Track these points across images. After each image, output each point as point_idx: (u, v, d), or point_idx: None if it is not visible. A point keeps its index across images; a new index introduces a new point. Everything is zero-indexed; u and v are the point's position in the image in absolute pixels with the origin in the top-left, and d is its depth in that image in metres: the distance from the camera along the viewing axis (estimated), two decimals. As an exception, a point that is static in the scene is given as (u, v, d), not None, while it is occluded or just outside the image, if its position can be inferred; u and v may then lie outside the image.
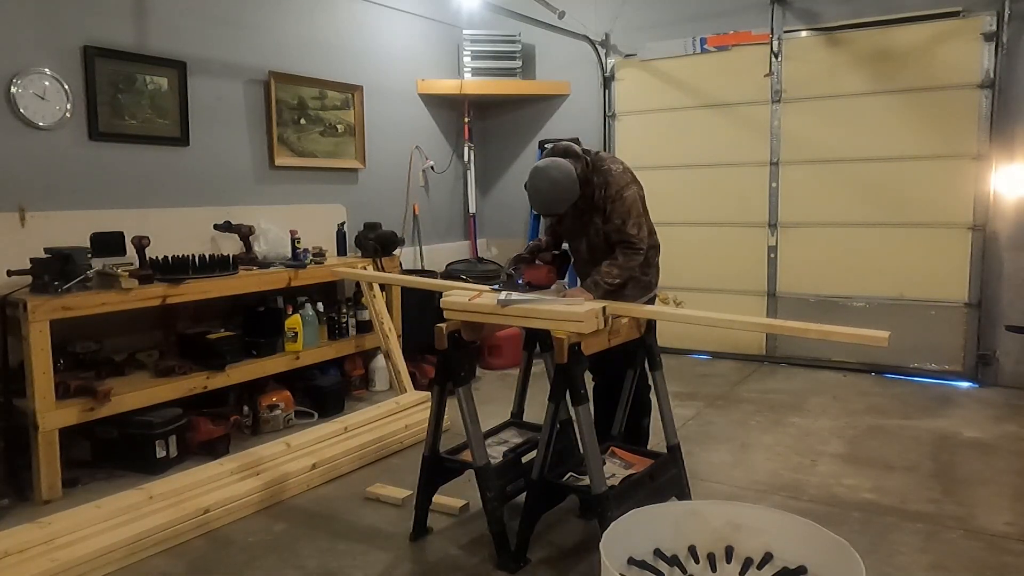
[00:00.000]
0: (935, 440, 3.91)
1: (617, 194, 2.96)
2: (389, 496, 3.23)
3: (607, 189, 2.97)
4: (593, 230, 3.05)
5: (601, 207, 2.99)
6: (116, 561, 2.68)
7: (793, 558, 2.09)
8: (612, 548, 1.96)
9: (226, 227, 4.29)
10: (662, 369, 2.94)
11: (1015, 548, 2.76)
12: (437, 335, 2.72)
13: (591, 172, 2.99)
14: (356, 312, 4.78)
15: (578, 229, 3.11)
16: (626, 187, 2.98)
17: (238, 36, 4.61)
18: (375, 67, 5.58)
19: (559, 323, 2.53)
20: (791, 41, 5.33)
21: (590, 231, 3.07)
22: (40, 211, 3.65)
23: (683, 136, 5.85)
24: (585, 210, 3.03)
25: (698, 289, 5.88)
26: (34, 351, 3.18)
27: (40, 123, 3.69)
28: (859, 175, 5.25)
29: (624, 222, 2.96)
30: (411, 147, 5.97)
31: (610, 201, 2.96)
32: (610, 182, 2.98)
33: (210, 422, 3.80)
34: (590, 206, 3.01)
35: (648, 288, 3.17)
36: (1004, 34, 4.68)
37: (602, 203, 2.98)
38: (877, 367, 5.27)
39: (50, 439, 3.25)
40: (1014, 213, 4.80)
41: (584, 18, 5.94)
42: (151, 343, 4.09)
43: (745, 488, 3.34)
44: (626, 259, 2.97)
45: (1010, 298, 4.86)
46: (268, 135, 4.81)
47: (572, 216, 3.07)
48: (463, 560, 2.74)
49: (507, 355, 5.48)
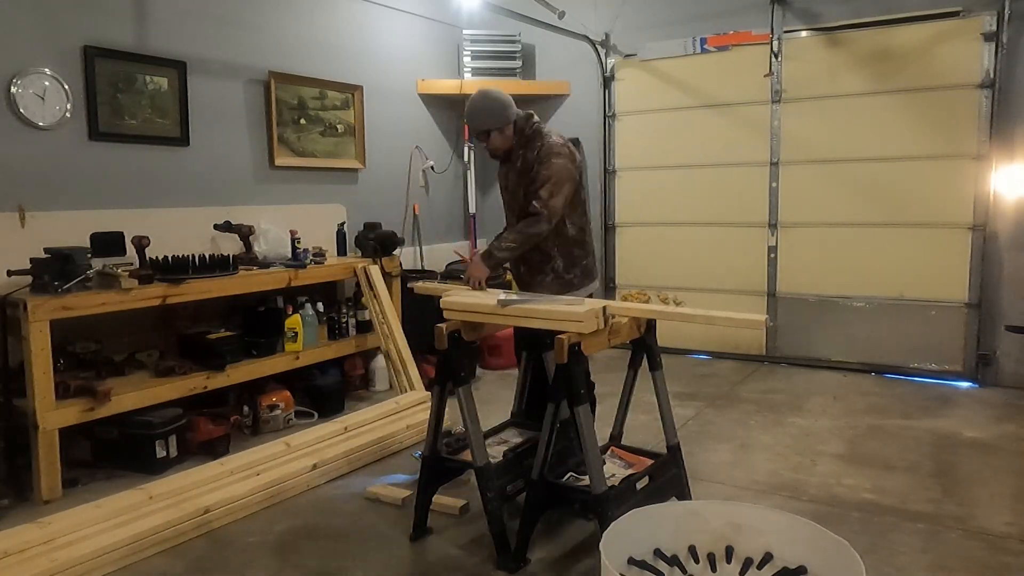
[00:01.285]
0: (935, 440, 3.91)
1: (546, 157, 2.97)
2: (389, 496, 3.23)
3: (540, 151, 2.99)
4: (524, 194, 3.06)
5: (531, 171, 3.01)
6: (116, 561, 2.68)
7: (793, 558, 2.09)
8: (612, 548, 1.96)
9: (226, 227, 4.29)
10: (662, 369, 2.94)
11: (1015, 548, 2.76)
12: (437, 335, 2.72)
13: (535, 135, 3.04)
14: (356, 312, 4.78)
15: (517, 195, 3.11)
16: (557, 156, 2.97)
17: (238, 36, 4.61)
18: (375, 67, 5.58)
19: (559, 323, 2.53)
20: (791, 41, 5.33)
21: (521, 196, 3.08)
22: (40, 211, 3.65)
23: (683, 136, 5.85)
24: (523, 171, 3.05)
25: (698, 289, 5.88)
26: (34, 351, 3.18)
27: (40, 123, 3.69)
28: (859, 175, 5.25)
29: (541, 185, 2.94)
30: (411, 147, 5.97)
31: (538, 163, 2.98)
32: (544, 145, 3.00)
33: (210, 422, 3.80)
34: (527, 170, 3.03)
35: (569, 286, 3.12)
36: (1004, 34, 4.68)
37: (534, 167, 2.99)
38: (877, 367, 5.27)
39: (50, 439, 3.24)
40: (1014, 213, 4.80)
41: (584, 18, 5.95)
42: (151, 343, 4.08)
43: (745, 488, 3.34)
44: (525, 225, 2.96)
45: (1010, 298, 4.86)
46: (268, 135, 4.81)
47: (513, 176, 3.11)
48: (463, 560, 2.74)
49: (507, 355, 5.48)
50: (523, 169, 3.05)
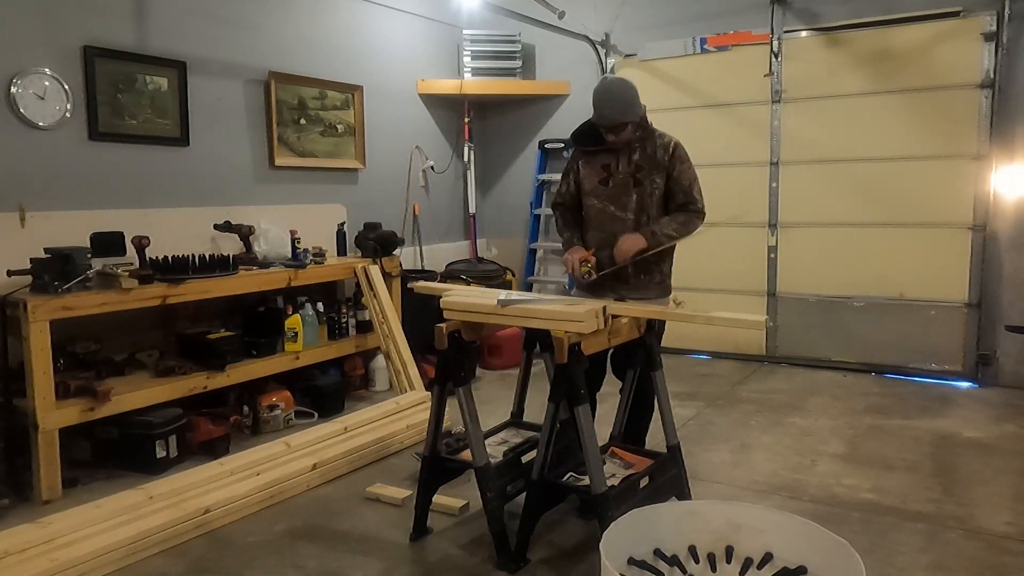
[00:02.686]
0: (935, 440, 3.91)
1: (685, 155, 3.00)
2: (389, 496, 3.23)
3: (676, 149, 3.00)
4: (650, 188, 2.98)
5: (665, 166, 2.98)
6: (116, 561, 2.68)
7: (793, 558, 2.09)
8: (612, 548, 1.96)
9: (226, 227, 4.29)
10: (662, 369, 2.94)
11: (1015, 548, 2.76)
12: (437, 335, 2.72)
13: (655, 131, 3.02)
14: (356, 312, 4.78)
15: (628, 187, 2.98)
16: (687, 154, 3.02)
17: (238, 36, 4.61)
18: (375, 67, 5.58)
19: (559, 323, 2.53)
20: (791, 41, 5.33)
21: (646, 189, 2.98)
22: (40, 211, 3.65)
23: (683, 136, 5.73)
24: (641, 167, 2.99)
25: (698, 289, 5.86)
26: (34, 351, 3.18)
27: (40, 123, 3.69)
28: (859, 175, 5.25)
29: (691, 184, 2.99)
30: (411, 147, 5.97)
31: (680, 161, 2.99)
32: (677, 144, 3.01)
33: (210, 422, 3.80)
34: (650, 163, 2.99)
35: (667, 291, 3.13)
36: (1004, 34, 4.68)
37: (667, 162, 2.98)
38: (877, 367, 5.27)
39: (50, 439, 3.25)
40: (1014, 213, 4.80)
41: (584, 18, 5.95)
42: (151, 343, 4.09)
43: (745, 488, 3.34)
44: (688, 219, 2.98)
45: (1010, 298, 4.87)
46: (268, 135, 4.81)
47: (625, 172, 3.00)
48: (463, 560, 2.74)
49: (507, 355, 5.48)
50: (646, 162, 2.98)
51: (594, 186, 3.07)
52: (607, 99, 2.91)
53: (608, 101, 2.91)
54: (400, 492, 3.24)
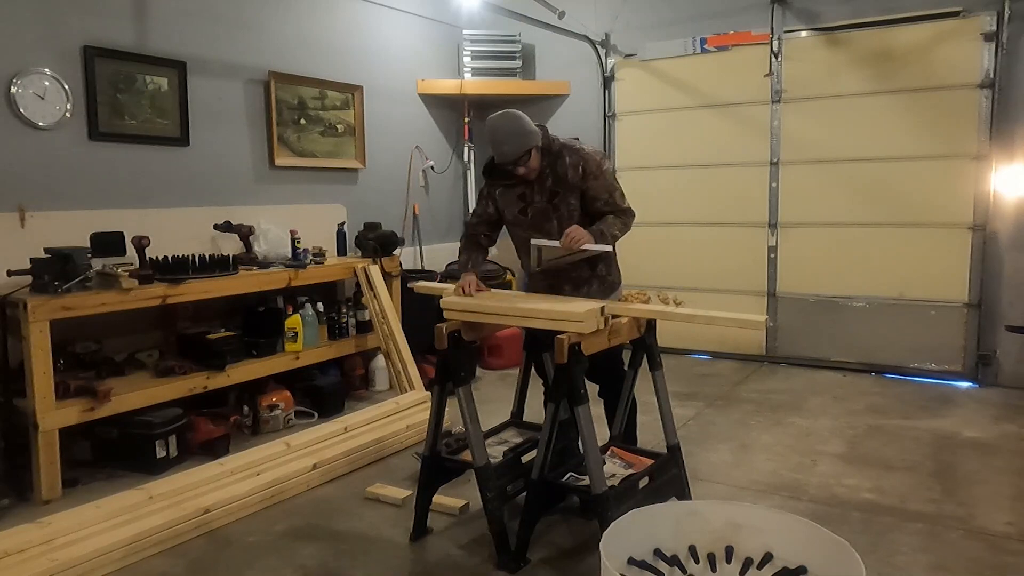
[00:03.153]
0: (935, 440, 3.91)
1: (597, 169, 2.94)
2: (389, 496, 3.23)
3: (585, 166, 2.93)
4: (567, 211, 2.97)
5: (578, 186, 2.94)
6: (116, 561, 2.68)
7: (793, 558, 2.09)
8: (612, 548, 1.96)
9: (226, 227, 4.29)
10: (662, 369, 2.94)
11: (1015, 548, 2.76)
12: (437, 335, 2.72)
13: (561, 150, 2.94)
14: (356, 312, 4.78)
15: (548, 213, 3.00)
16: (602, 162, 2.97)
17: (238, 36, 4.61)
18: (375, 67, 5.58)
19: (559, 323, 2.53)
20: (791, 41, 5.33)
21: (563, 213, 2.97)
22: (40, 211, 3.65)
23: (683, 136, 5.85)
24: (555, 191, 2.96)
25: (698, 289, 5.87)
26: (34, 351, 3.18)
27: (40, 123, 3.69)
28: (859, 175, 5.25)
29: (611, 195, 2.97)
30: (411, 147, 5.97)
31: (592, 177, 2.93)
32: (586, 159, 2.94)
33: (210, 422, 3.81)
34: (563, 186, 2.95)
35: (612, 288, 3.12)
36: (1004, 34, 4.68)
37: (580, 181, 2.93)
38: (877, 367, 5.27)
39: (50, 439, 3.25)
40: (1014, 213, 4.80)
41: (584, 18, 5.94)
42: (151, 343, 4.09)
43: (745, 488, 3.34)
44: (624, 220, 2.99)
45: (1010, 298, 4.86)
46: (268, 135, 4.81)
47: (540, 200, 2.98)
48: (463, 560, 2.74)
49: (507, 355, 5.48)
50: (559, 186, 2.95)
51: (515, 216, 3.10)
52: (499, 137, 2.83)
53: (502, 140, 2.83)
54: (400, 492, 3.24)
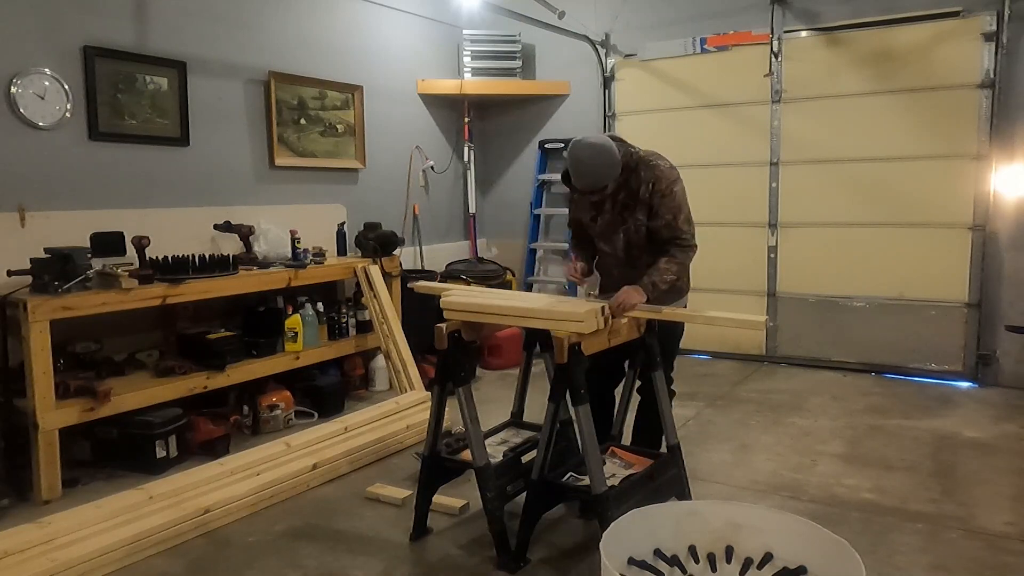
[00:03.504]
0: (935, 440, 3.91)
1: (667, 189, 2.86)
2: (389, 496, 3.23)
3: (656, 184, 2.86)
4: (634, 226, 2.93)
5: (647, 202, 2.88)
6: (116, 561, 2.68)
7: (793, 558, 2.09)
8: (612, 548, 1.96)
9: (226, 227, 4.29)
10: (662, 369, 2.94)
11: (1015, 548, 2.76)
12: (437, 335, 2.72)
13: (638, 164, 2.88)
14: (356, 312, 4.78)
15: (616, 225, 2.97)
16: (675, 182, 2.89)
17: (238, 36, 4.61)
18: (375, 67, 5.58)
19: (559, 323, 2.53)
20: (791, 41, 5.33)
21: (630, 227, 2.94)
22: (40, 211, 3.65)
23: (683, 136, 5.84)
24: (627, 204, 2.92)
25: (698, 289, 5.79)
26: (34, 351, 3.18)
27: (40, 123, 3.69)
28: (859, 175, 5.25)
29: (675, 217, 2.87)
30: (411, 147, 5.97)
31: (660, 196, 2.86)
32: (659, 176, 2.87)
33: (210, 422, 3.81)
34: (634, 200, 2.90)
35: (681, 292, 3.09)
36: (1004, 34, 4.68)
37: (648, 198, 2.87)
38: (877, 367, 5.27)
39: (50, 439, 3.25)
40: (1014, 213, 4.80)
41: (584, 18, 5.94)
42: (151, 343, 4.09)
43: (745, 488, 3.34)
44: (683, 255, 2.91)
45: (1010, 298, 4.86)
46: (268, 135, 4.81)
47: (612, 210, 2.96)
48: (463, 560, 2.74)
49: (507, 355, 5.48)
50: (630, 199, 2.91)
51: (588, 222, 3.08)
52: (582, 170, 2.76)
53: (582, 174, 2.76)
54: (400, 492, 3.24)
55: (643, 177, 2.87)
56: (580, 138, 2.80)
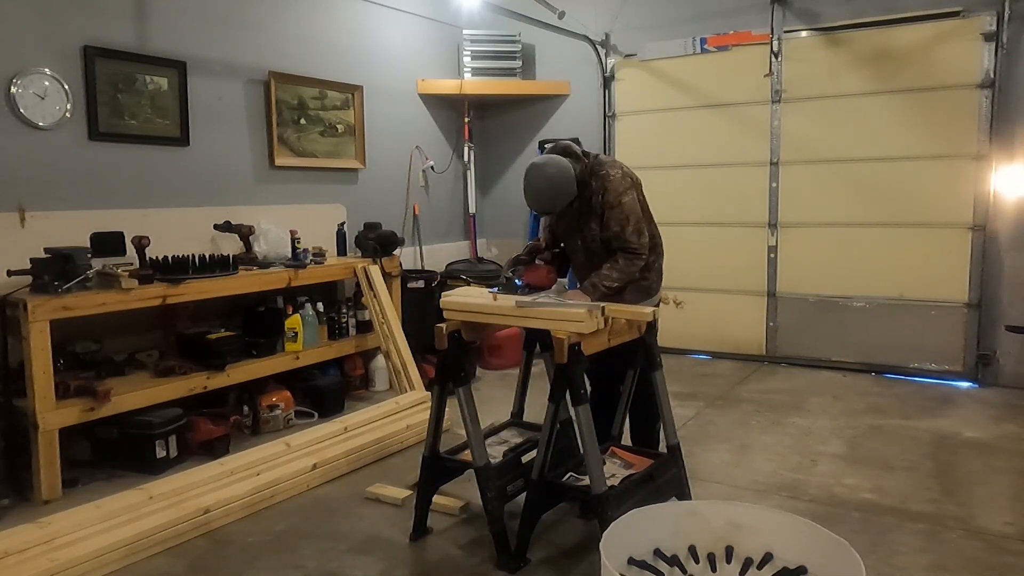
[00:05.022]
0: (935, 440, 3.91)
1: (615, 200, 2.91)
2: (389, 496, 3.23)
3: (605, 195, 2.92)
4: (589, 234, 3.02)
5: (598, 212, 2.95)
6: (116, 561, 2.68)
7: (793, 558, 2.09)
8: (612, 548, 1.96)
9: (226, 227, 4.29)
10: (662, 369, 2.94)
11: (1015, 548, 2.76)
12: (437, 335, 2.72)
13: (591, 175, 2.95)
14: (356, 312, 4.78)
15: (574, 230, 3.08)
16: (624, 193, 2.93)
17: (238, 36, 4.61)
18: (375, 67, 5.58)
19: (559, 323, 2.53)
20: (791, 41, 5.33)
21: (586, 234, 3.03)
22: (40, 211, 3.65)
23: (683, 136, 5.85)
24: (582, 213, 3.00)
25: (698, 289, 5.88)
26: (34, 351, 3.18)
27: (40, 123, 3.68)
28: (859, 175, 5.25)
29: (623, 228, 2.92)
30: (411, 147, 5.97)
31: (608, 207, 2.92)
32: (608, 188, 2.92)
33: (210, 422, 3.81)
34: (587, 209, 2.98)
35: (648, 292, 3.12)
36: (1004, 34, 4.68)
37: (599, 208, 2.94)
38: (877, 367, 5.27)
39: (50, 439, 3.25)
40: (1014, 213, 4.80)
41: (584, 18, 5.94)
42: (151, 343, 4.09)
43: (745, 488, 3.34)
44: (626, 263, 2.94)
45: (1010, 298, 4.86)
46: (268, 135, 4.81)
47: (569, 217, 3.05)
48: (463, 560, 2.74)
49: (507, 355, 5.48)
50: (584, 208, 2.99)
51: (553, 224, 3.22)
52: (538, 198, 2.89)
53: (538, 200, 2.90)
54: (400, 492, 3.24)
55: (594, 187, 2.95)
56: (536, 161, 2.89)
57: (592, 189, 2.95)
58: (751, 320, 5.71)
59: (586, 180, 2.94)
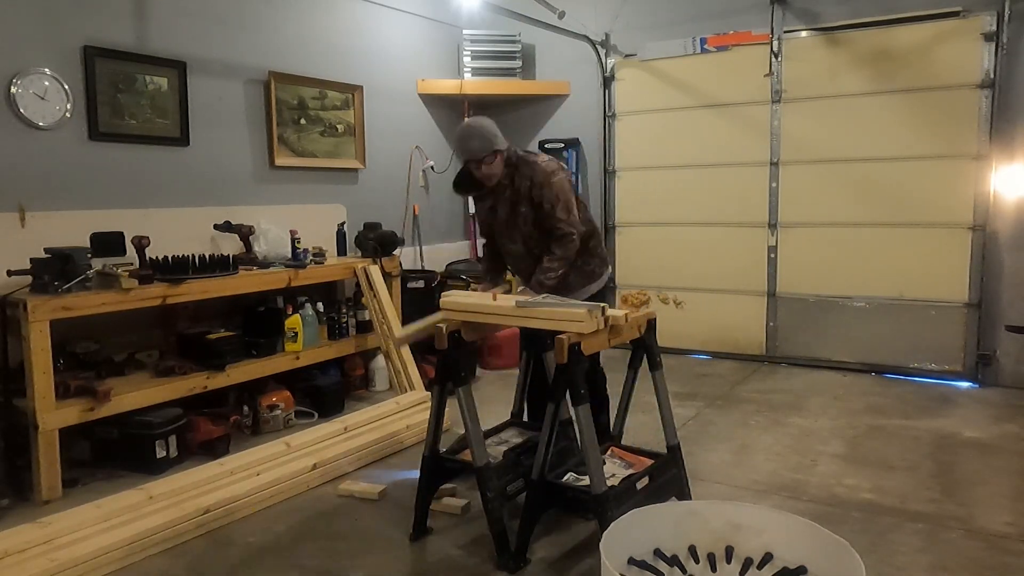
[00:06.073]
0: (935, 440, 3.91)
1: (545, 180, 3.08)
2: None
3: (534, 177, 3.10)
4: (523, 221, 3.15)
5: (529, 196, 3.10)
6: (116, 561, 2.68)
7: (793, 558, 2.09)
8: (612, 548, 1.96)
9: (226, 227, 4.29)
10: (662, 369, 2.94)
11: (1015, 548, 2.76)
12: (437, 335, 2.72)
13: (519, 162, 3.13)
14: (356, 312, 4.78)
15: (512, 222, 3.20)
16: (553, 173, 3.11)
17: (238, 36, 4.61)
18: (375, 67, 5.58)
19: (559, 323, 2.53)
20: (791, 41, 5.33)
21: (520, 223, 3.16)
22: (40, 211, 3.65)
23: (683, 136, 5.85)
24: (515, 201, 3.14)
25: (698, 289, 5.88)
26: (34, 351, 3.18)
27: (40, 123, 3.69)
28: (859, 175, 5.25)
29: (553, 207, 3.08)
30: (411, 147, 5.97)
31: (539, 187, 3.09)
32: (536, 171, 3.11)
33: (210, 422, 3.81)
34: (519, 196, 3.13)
35: (591, 277, 3.28)
36: (1004, 34, 4.68)
37: (529, 191, 3.10)
38: (877, 367, 5.27)
39: (50, 439, 3.25)
40: (1014, 213, 4.80)
41: (584, 18, 5.94)
42: (151, 343, 4.09)
43: (745, 488, 3.34)
44: (561, 248, 3.10)
45: (1010, 298, 4.86)
46: (268, 135, 4.81)
47: (505, 210, 3.18)
48: (463, 560, 2.74)
49: (507, 355, 5.48)
50: (515, 196, 3.15)
51: (490, 224, 3.33)
52: (470, 132, 3.06)
53: (466, 137, 3.06)
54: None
55: (524, 173, 3.12)
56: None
57: (523, 175, 3.12)
58: (751, 320, 5.71)
59: (516, 166, 3.13)
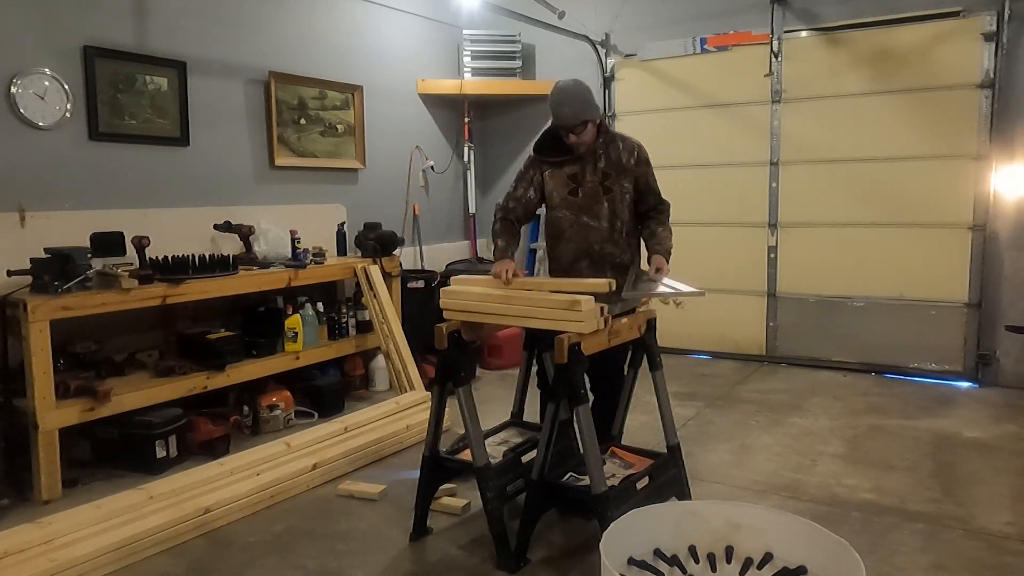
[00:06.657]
0: (935, 440, 3.91)
1: (648, 158, 3.10)
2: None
3: (640, 152, 3.08)
4: (620, 193, 3.05)
5: (631, 171, 3.06)
6: (116, 561, 2.68)
7: (793, 558, 2.09)
8: (612, 548, 1.96)
9: (226, 227, 4.29)
10: (662, 369, 2.94)
11: (1015, 548, 2.76)
12: (437, 335, 2.72)
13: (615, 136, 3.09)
14: (356, 312, 4.78)
15: (598, 196, 3.02)
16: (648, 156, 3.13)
17: (238, 36, 4.61)
18: (375, 67, 5.58)
19: (559, 323, 2.53)
20: (791, 41, 5.33)
21: (615, 195, 3.04)
22: (40, 211, 3.65)
23: (683, 136, 5.84)
24: (608, 173, 3.04)
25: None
26: (34, 351, 3.18)
27: (40, 123, 3.68)
28: (859, 175, 5.25)
29: (655, 182, 3.12)
30: (411, 147, 5.97)
31: (644, 164, 3.09)
32: (639, 146, 3.10)
33: (210, 422, 3.80)
34: (614, 169, 3.04)
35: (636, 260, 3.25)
36: (1004, 34, 4.68)
37: (634, 166, 3.06)
38: (877, 367, 5.27)
39: (50, 439, 3.25)
40: (1014, 213, 4.80)
41: (584, 18, 5.94)
42: (151, 343, 4.09)
43: (745, 488, 3.34)
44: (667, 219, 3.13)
45: (1010, 298, 4.86)
46: (268, 135, 4.81)
47: (595, 180, 3.02)
48: (463, 560, 2.74)
49: (507, 355, 5.48)
50: (612, 168, 3.04)
51: (563, 197, 3.07)
52: (563, 98, 2.92)
53: (565, 100, 2.92)
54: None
55: (623, 146, 3.06)
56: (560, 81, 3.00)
57: (621, 148, 3.06)
58: (751, 320, 5.71)
59: (612, 139, 3.07)
